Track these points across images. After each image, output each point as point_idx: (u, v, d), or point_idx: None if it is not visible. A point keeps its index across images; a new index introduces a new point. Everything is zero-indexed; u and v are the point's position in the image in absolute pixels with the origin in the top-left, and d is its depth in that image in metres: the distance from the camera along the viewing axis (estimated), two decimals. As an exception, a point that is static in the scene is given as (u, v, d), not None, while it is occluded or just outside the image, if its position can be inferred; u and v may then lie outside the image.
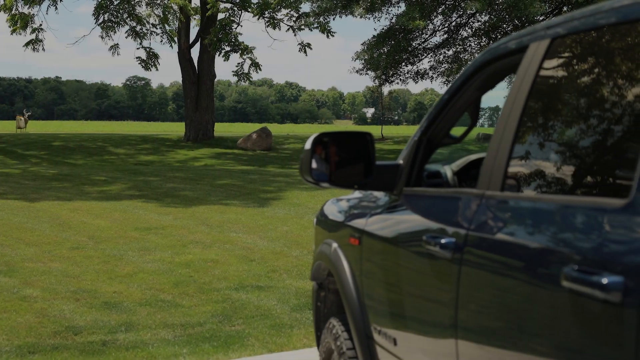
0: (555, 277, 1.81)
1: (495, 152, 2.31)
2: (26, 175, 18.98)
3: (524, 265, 2.00)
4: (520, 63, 2.33)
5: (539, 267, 1.93)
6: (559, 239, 1.91)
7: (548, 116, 2.25)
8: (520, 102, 2.24)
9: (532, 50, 2.30)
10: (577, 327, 1.77)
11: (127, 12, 27.03)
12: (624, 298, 1.59)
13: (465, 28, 25.50)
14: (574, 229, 1.89)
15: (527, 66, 2.28)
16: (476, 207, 2.32)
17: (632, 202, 1.68)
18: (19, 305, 6.42)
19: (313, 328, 5.91)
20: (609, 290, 1.61)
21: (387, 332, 2.89)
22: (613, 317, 1.63)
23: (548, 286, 1.89)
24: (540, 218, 2.05)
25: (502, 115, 2.32)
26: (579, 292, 1.71)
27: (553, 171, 2.15)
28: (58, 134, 35.86)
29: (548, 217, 2.02)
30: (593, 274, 1.67)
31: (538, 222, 2.05)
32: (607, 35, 2.02)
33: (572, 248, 1.82)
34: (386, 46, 25.40)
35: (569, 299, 1.77)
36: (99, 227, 10.81)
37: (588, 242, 1.78)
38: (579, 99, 2.13)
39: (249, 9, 25.81)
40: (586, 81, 2.12)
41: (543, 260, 1.92)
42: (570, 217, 1.92)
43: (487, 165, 2.34)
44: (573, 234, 1.88)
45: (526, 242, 2.03)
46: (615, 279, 1.61)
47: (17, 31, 23.55)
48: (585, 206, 1.87)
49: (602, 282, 1.63)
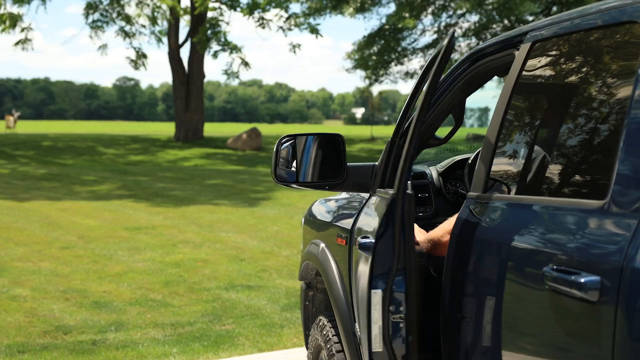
0: (539, 276, 1.85)
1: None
2: (15, 175, 18.93)
3: (510, 265, 2.05)
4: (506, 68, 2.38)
5: (524, 268, 1.98)
6: (545, 240, 1.95)
7: (527, 118, 2.30)
8: (502, 106, 2.29)
9: (511, 55, 2.35)
10: (561, 324, 1.82)
11: (117, 12, 26.99)
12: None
13: (455, 28, 25.54)
14: (553, 229, 1.93)
15: (510, 70, 2.33)
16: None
17: (609, 203, 1.73)
18: (8, 305, 6.43)
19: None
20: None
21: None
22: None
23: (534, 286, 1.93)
24: (518, 219, 2.10)
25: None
26: (561, 291, 1.76)
27: (534, 172, 2.20)
28: (47, 134, 35.72)
29: (530, 218, 2.06)
30: (572, 274, 1.72)
31: (512, 223, 2.10)
32: (587, 38, 2.07)
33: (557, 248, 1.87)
34: (376, 45, 25.46)
35: (549, 297, 1.82)
36: (88, 227, 10.81)
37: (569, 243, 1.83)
38: (558, 101, 2.18)
39: (238, 9, 25.81)
40: (565, 84, 2.17)
41: (527, 261, 1.97)
42: (549, 217, 1.97)
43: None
44: (551, 233, 1.93)
45: (506, 242, 2.07)
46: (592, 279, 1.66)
47: (6, 30, 23.48)
48: (566, 207, 1.92)
49: (580, 281, 1.67)
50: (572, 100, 2.09)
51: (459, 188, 3.41)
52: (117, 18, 27.27)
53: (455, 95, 2.83)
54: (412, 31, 25.58)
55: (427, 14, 23.87)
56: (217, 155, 26.08)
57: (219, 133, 39.48)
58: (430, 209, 3.33)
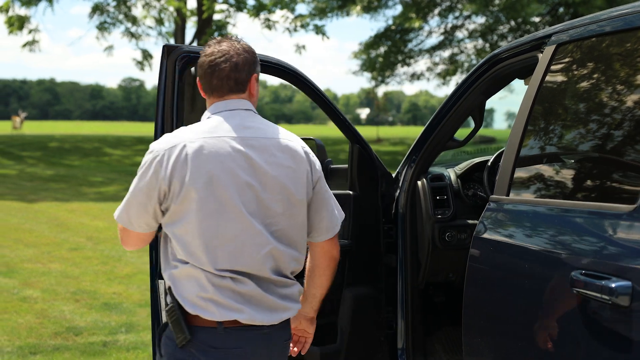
0: (566, 281, 1.84)
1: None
2: (23, 176, 18.95)
3: (532, 269, 2.03)
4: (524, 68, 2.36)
5: (549, 272, 1.96)
6: (565, 244, 1.94)
7: (552, 121, 2.28)
8: (526, 108, 2.27)
9: (535, 57, 2.33)
10: (584, 327, 1.80)
11: (124, 13, 26.98)
12: None
13: (461, 29, 25.51)
14: (580, 234, 1.92)
15: (534, 73, 2.31)
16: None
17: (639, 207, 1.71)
18: (19, 306, 6.43)
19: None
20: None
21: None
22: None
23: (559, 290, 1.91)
24: (544, 223, 2.08)
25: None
26: (590, 296, 1.74)
27: (559, 177, 2.18)
28: (53, 135, 35.77)
29: (556, 222, 2.04)
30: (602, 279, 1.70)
31: (538, 227, 2.08)
32: (615, 40, 2.04)
33: (579, 253, 1.85)
34: (383, 46, 25.38)
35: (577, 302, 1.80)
36: (97, 228, 10.82)
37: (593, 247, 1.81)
38: (584, 105, 2.16)
39: (245, 10, 25.78)
40: (591, 87, 2.15)
41: (553, 266, 1.95)
42: (576, 221, 1.95)
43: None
44: (579, 237, 1.91)
45: (532, 247, 2.06)
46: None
47: (14, 32, 23.49)
48: (591, 211, 1.90)
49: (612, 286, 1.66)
50: (599, 103, 2.07)
51: (478, 190, 3.40)
52: (124, 19, 27.26)
53: (476, 97, 2.81)
54: (418, 32, 25.52)
55: (433, 15, 23.80)
56: (223, 157, 26.04)
57: (224, 134, 39.44)
58: (448, 211, 3.32)
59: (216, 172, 2.20)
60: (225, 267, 2.21)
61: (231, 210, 2.21)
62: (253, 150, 2.25)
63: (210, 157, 2.21)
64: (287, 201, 2.29)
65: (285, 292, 2.32)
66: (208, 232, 2.20)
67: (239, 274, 2.22)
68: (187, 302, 2.23)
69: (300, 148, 2.35)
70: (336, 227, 2.45)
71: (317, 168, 2.40)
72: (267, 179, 2.25)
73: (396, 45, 25.72)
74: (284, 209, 2.28)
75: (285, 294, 2.31)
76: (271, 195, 2.26)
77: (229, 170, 2.21)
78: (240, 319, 2.21)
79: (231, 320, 2.22)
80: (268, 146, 2.28)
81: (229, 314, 2.21)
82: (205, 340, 2.22)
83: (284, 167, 2.28)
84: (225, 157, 2.22)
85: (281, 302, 2.29)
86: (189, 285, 2.23)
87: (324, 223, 2.42)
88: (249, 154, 2.24)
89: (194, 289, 2.22)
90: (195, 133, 2.26)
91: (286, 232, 2.30)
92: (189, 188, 2.19)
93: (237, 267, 2.22)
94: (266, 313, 2.26)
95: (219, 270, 2.21)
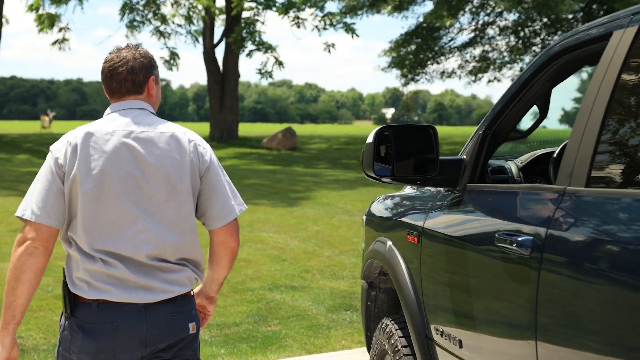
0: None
1: (577, 147, 2.19)
2: (53, 174, 19.03)
3: (610, 264, 1.89)
4: (603, 53, 2.21)
5: (626, 266, 1.83)
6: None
7: (634, 109, 2.13)
8: (606, 94, 2.12)
9: (615, 39, 2.18)
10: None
11: (152, 12, 27.07)
12: None
13: (492, 27, 25.26)
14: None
15: (611, 56, 2.16)
16: (556, 203, 2.20)
17: None
18: (54, 304, 6.38)
19: (351, 329, 5.83)
20: None
21: (451, 333, 2.78)
22: None
23: (636, 287, 1.78)
24: (629, 215, 1.94)
25: (584, 107, 2.20)
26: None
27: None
28: (82, 134, 35.99)
29: (636, 214, 1.90)
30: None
31: (626, 219, 1.94)
32: None
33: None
34: (413, 44, 25.25)
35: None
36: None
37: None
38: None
39: (274, 8, 25.75)
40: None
41: (631, 259, 1.82)
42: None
43: (568, 160, 2.22)
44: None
45: (612, 240, 1.92)
46: None
47: (44, 30, 23.67)
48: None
49: None
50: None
51: (541, 183, 3.25)
52: (153, 18, 27.35)
53: (542, 85, 2.67)
54: (449, 30, 25.32)
55: (464, 12, 23.60)
56: (252, 155, 26.04)
57: (251, 133, 39.49)
58: None
59: (101, 162, 2.44)
60: (100, 247, 2.44)
61: (110, 197, 2.44)
62: (139, 142, 2.48)
63: (98, 149, 2.45)
64: (173, 189, 2.49)
65: (171, 277, 2.50)
66: (88, 215, 2.44)
67: (111, 257, 2.44)
68: (70, 281, 2.49)
69: (186, 140, 2.56)
70: (229, 216, 2.59)
71: (206, 159, 2.60)
72: (151, 169, 2.47)
73: (427, 42, 25.54)
74: (168, 196, 2.49)
75: (170, 279, 2.50)
76: (155, 185, 2.47)
77: (113, 160, 2.45)
78: (108, 298, 2.44)
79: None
80: (153, 139, 2.50)
81: (98, 294, 2.44)
82: (83, 316, 2.47)
83: (168, 158, 2.49)
84: (112, 149, 2.46)
85: (163, 285, 2.48)
86: (71, 265, 2.50)
87: (214, 211, 2.58)
88: (135, 146, 2.47)
89: (73, 269, 2.48)
90: (89, 127, 2.51)
91: (173, 219, 2.50)
92: (76, 175, 2.44)
93: (111, 248, 2.44)
94: (139, 293, 2.45)
95: (95, 250, 2.44)
